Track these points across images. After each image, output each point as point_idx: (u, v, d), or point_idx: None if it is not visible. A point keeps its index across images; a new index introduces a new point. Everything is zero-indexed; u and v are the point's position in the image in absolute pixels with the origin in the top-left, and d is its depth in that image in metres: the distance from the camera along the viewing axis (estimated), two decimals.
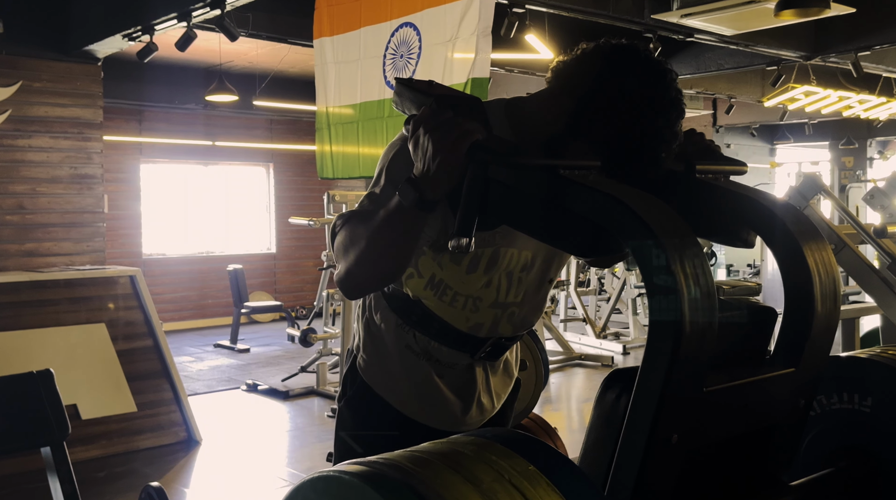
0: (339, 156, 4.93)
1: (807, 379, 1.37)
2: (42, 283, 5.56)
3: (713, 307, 1.14)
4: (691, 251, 1.15)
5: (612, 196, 1.19)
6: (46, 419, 2.12)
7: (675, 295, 1.10)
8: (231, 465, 5.37)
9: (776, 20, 5.60)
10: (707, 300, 1.13)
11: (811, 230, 1.38)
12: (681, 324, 1.10)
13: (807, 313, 1.32)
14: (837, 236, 4.18)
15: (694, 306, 1.11)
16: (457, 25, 4.07)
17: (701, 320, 1.12)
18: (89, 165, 6.62)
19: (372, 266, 1.50)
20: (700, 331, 1.12)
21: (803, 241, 1.33)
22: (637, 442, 1.14)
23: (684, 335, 1.10)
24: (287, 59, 9.17)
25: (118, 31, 5.99)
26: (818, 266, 1.33)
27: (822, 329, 1.34)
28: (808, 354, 1.34)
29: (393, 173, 1.52)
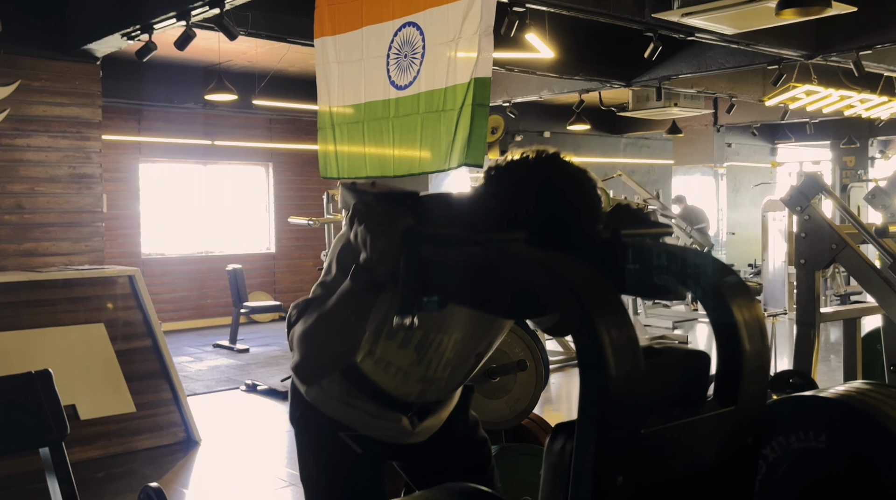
0: (345, 156, 4.92)
1: (748, 417, 1.44)
2: (40, 283, 5.55)
3: (637, 354, 1.22)
4: (612, 306, 1.24)
5: (538, 262, 1.31)
6: (45, 420, 2.13)
7: (599, 347, 1.18)
8: (230, 466, 5.36)
9: (777, 19, 5.59)
10: (630, 345, 1.21)
11: (733, 278, 1.49)
12: (607, 371, 1.17)
13: (737, 353, 1.40)
14: (839, 236, 4.17)
15: (618, 352, 1.19)
16: (459, 25, 4.07)
17: (626, 366, 1.20)
18: (88, 165, 6.60)
19: (327, 348, 1.67)
20: (627, 376, 1.19)
21: (725, 288, 1.44)
22: (584, 488, 1.20)
23: (611, 381, 1.17)
24: (286, 58, 9.17)
25: (117, 30, 5.98)
26: (742, 309, 1.43)
27: (754, 367, 1.42)
28: (745, 392, 1.41)
29: (342, 262, 1.71)
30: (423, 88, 4.29)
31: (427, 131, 4.27)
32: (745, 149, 15.83)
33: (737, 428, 1.43)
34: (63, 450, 2.14)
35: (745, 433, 1.45)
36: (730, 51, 7.68)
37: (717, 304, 1.45)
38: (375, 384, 1.93)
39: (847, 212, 5.02)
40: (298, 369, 1.77)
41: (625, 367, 1.19)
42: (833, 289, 11.41)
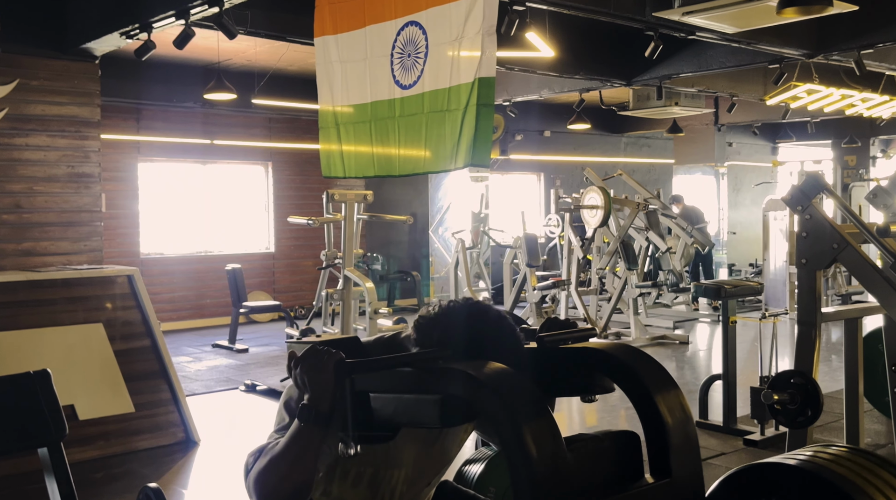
0: (352, 155, 4.91)
1: (686, 488, 1.52)
2: (39, 282, 5.53)
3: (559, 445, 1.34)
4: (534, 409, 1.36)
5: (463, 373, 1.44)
6: (43, 420, 2.12)
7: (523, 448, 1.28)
8: (229, 466, 5.30)
9: (778, 18, 5.60)
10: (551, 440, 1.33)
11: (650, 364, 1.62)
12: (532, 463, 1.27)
13: (661, 427, 1.50)
14: (840, 236, 4.16)
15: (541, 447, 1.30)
16: (462, 24, 4.07)
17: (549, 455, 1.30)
18: (87, 164, 6.59)
19: (281, 488, 1.74)
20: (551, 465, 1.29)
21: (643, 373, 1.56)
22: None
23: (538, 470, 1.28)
24: (286, 56, 9.16)
25: (116, 28, 5.97)
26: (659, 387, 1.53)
27: (680, 438, 1.51)
28: (676, 461, 1.50)
29: (290, 408, 1.84)
30: (427, 88, 4.29)
31: (432, 131, 4.27)
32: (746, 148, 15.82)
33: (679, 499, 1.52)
34: (62, 450, 2.13)
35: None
36: (731, 50, 7.68)
37: (636, 388, 1.55)
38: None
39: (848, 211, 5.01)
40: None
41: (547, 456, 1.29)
42: (834, 289, 11.41)
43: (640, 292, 9.52)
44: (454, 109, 4.09)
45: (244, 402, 7.06)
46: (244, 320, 10.57)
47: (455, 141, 4.09)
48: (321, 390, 1.66)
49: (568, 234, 9.77)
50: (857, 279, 4.03)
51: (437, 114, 4.21)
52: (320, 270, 8.99)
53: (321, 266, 8.88)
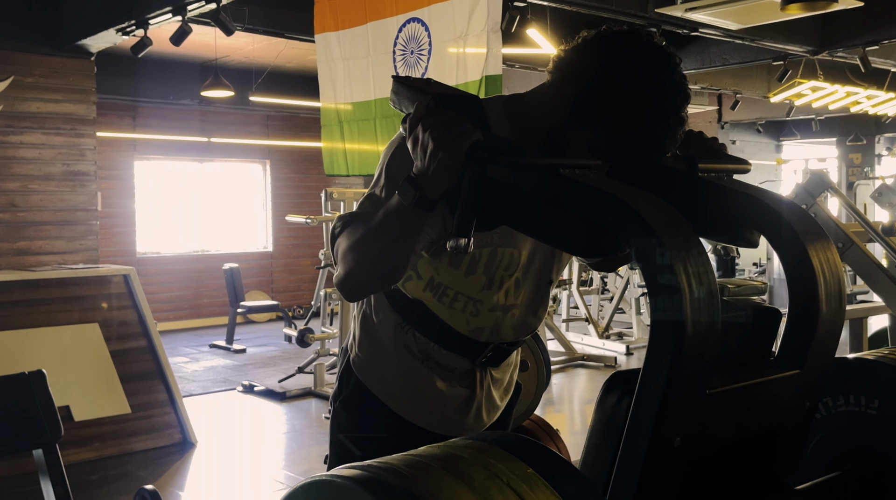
0: (356, 153, 4.92)
1: (812, 381, 1.37)
2: (34, 282, 5.50)
3: (716, 308, 1.15)
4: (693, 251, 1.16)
5: (612, 195, 1.20)
6: (38, 421, 2.11)
7: (678, 295, 1.11)
8: (227, 468, 5.33)
9: (782, 14, 5.63)
10: (710, 301, 1.14)
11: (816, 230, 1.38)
12: (683, 325, 1.10)
13: (812, 314, 1.33)
14: (845, 235, 4.17)
15: (696, 307, 1.12)
16: (466, 22, 4.08)
17: (704, 320, 1.13)
18: (82, 162, 6.59)
19: (372, 267, 1.50)
20: (703, 332, 1.13)
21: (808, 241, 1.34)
22: (639, 446, 1.14)
23: (687, 336, 1.10)
24: (284, 53, 9.15)
25: (112, 25, 5.96)
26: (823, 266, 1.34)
27: (827, 330, 1.35)
28: (814, 355, 1.34)
29: (392, 173, 1.53)
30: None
31: None
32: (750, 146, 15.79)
33: (799, 392, 1.37)
34: (57, 452, 2.12)
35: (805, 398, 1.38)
36: (734, 46, 7.67)
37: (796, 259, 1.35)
38: (444, 324, 1.69)
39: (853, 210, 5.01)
40: (343, 284, 1.56)
41: (702, 326, 1.12)
42: None
43: (642, 292, 9.48)
44: None
45: (242, 403, 7.04)
46: (242, 321, 10.54)
47: None
48: (441, 172, 1.33)
49: None
50: (863, 279, 4.09)
51: None
52: (319, 269, 8.96)
53: (320, 265, 8.84)
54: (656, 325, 1.13)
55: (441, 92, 1.42)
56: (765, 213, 1.41)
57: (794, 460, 1.43)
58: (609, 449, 1.21)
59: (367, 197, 1.57)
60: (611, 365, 8.17)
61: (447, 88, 1.45)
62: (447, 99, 1.40)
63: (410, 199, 1.37)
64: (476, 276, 1.65)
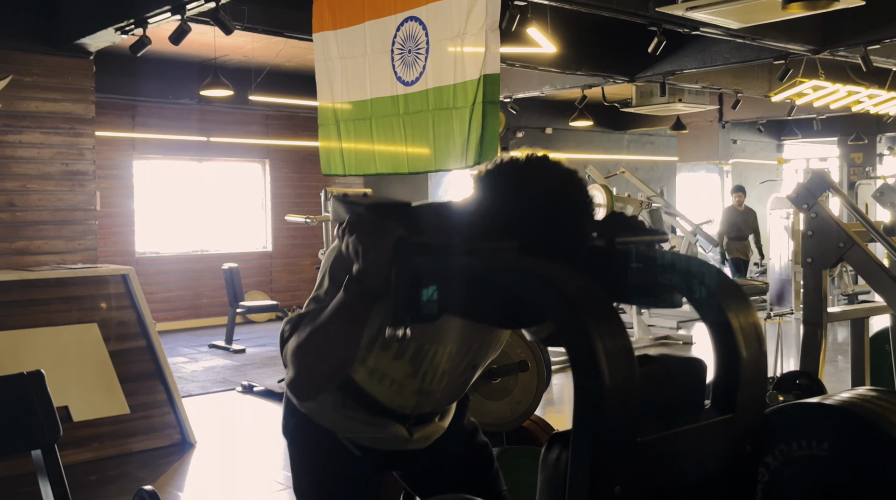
0: (352, 153, 4.93)
1: (747, 424, 1.46)
2: (33, 282, 5.50)
3: (631, 362, 1.24)
4: (606, 314, 1.26)
5: (531, 271, 1.32)
6: (37, 421, 2.11)
7: (593, 356, 1.19)
8: (226, 468, 5.32)
9: (784, 13, 5.62)
10: (624, 356, 1.23)
11: (727, 283, 1.51)
12: (601, 380, 1.18)
13: (734, 360, 1.42)
14: (846, 235, 4.15)
15: (612, 363, 1.20)
16: (464, 20, 4.08)
17: (621, 374, 1.21)
18: (81, 162, 6.57)
19: (322, 361, 1.64)
20: (622, 385, 1.20)
21: (720, 294, 1.46)
22: (581, 497, 1.21)
23: (606, 390, 1.18)
24: (283, 52, 9.14)
25: (110, 24, 5.96)
26: (738, 314, 1.44)
27: (751, 374, 1.44)
28: (742, 398, 1.43)
29: (335, 275, 1.70)
30: (431, 84, 4.31)
31: (439, 129, 4.29)
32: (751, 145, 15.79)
33: (735, 436, 1.44)
34: (56, 452, 2.12)
35: (743, 441, 1.46)
36: (735, 45, 7.65)
37: (712, 309, 1.46)
38: (370, 396, 1.90)
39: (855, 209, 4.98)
40: (294, 386, 1.70)
41: (619, 375, 1.20)
42: (840, 288, 11.37)
43: None
44: (461, 107, 4.11)
45: (241, 403, 7.03)
46: (241, 321, 10.53)
47: (464, 139, 4.10)
48: (374, 267, 1.52)
49: None
50: (864, 279, 4.05)
51: (444, 111, 4.23)
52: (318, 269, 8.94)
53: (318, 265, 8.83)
54: (578, 385, 1.21)
55: (373, 202, 1.59)
56: (680, 274, 1.54)
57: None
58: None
59: (312, 299, 1.73)
60: None
61: (381, 199, 1.63)
62: (377, 206, 1.57)
63: (355, 294, 1.55)
64: (402, 363, 1.85)
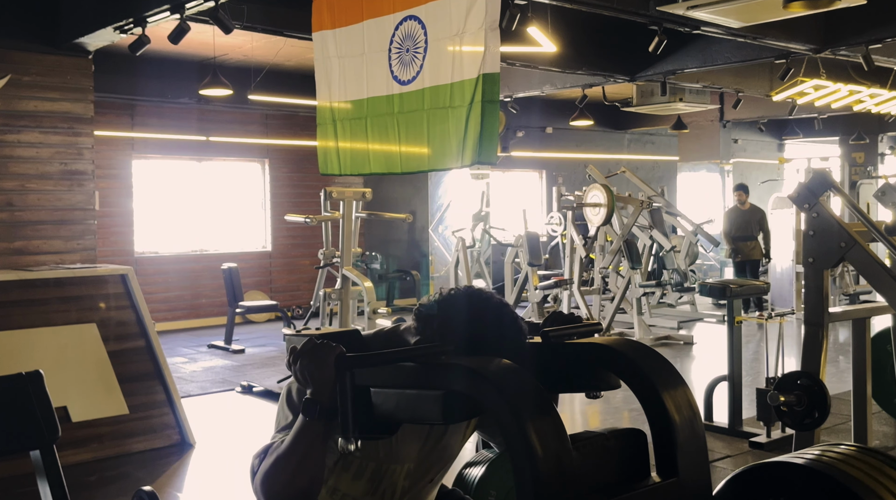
0: (347, 152, 4.93)
1: (694, 487, 1.51)
2: (31, 282, 5.48)
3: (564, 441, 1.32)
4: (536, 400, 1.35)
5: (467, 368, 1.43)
6: (36, 422, 2.11)
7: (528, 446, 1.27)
8: (225, 469, 5.29)
9: (785, 12, 5.64)
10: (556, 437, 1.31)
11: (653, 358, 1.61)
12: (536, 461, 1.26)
13: (668, 425, 1.49)
14: (848, 234, 4.15)
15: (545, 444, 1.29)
16: (463, 19, 4.07)
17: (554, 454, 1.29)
18: (80, 161, 6.57)
19: (290, 484, 1.72)
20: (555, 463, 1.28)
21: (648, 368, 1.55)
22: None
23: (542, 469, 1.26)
24: (283, 52, 9.14)
25: (109, 23, 5.95)
26: (668, 384, 1.52)
27: (688, 437, 1.50)
28: (683, 460, 1.49)
29: (293, 405, 1.84)
30: (428, 84, 4.29)
31: (434, 128, 4.27)
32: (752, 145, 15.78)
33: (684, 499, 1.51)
34: (54, 453, 2.12)
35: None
36: (736, 45, 7.66)
37: (643, 384, 1.53)
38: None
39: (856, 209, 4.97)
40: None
41: (552, 452, 1.27)
42: (842, 288, 11.35)
43: (643, 292, 9.45)
44: (458, 106, 4.09)
45: (240, 404, 7.01)
46: (240, 321, 10.51)
47: (461, 138, 4.08)
48: (322, 385, 1.65)
49: (570, 232, 9.71)
50: (865, 278, 4.07)
51: (440, 110, 4.21)
52: (318, 269, 8.95)
53: (319, 265, 8.83)
54: (516, 470, 1.30)
55: (322, 333, 1.74)
56: (613, 357, 1.63)
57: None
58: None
59: (276, 433, 1.83)
60: None
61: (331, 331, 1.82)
62: (326, 336, 1.71)
63: (311, 411, 1.66)
64: (362, 482, 1.95)
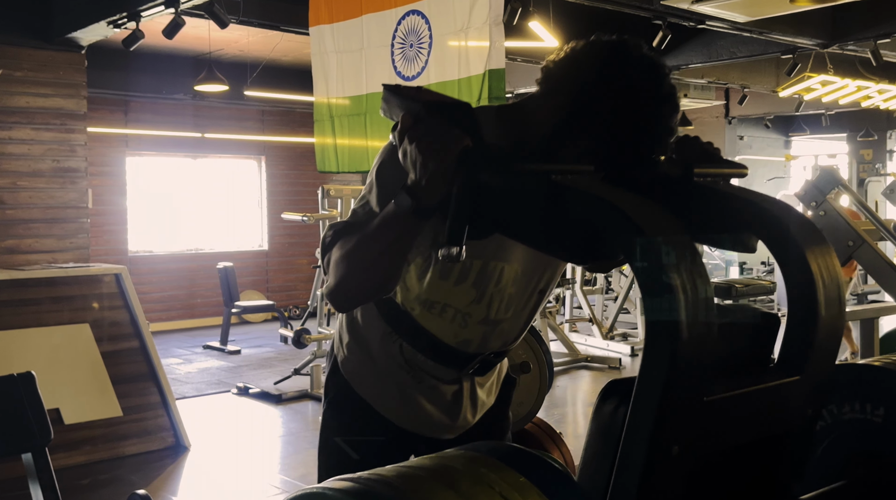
0: (345, 149, 4.96)
1: (813, 387, 1.38)
2: (23, 281, 5.48)
3: (711, 311, 1.16)
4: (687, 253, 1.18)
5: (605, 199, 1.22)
6: (27, 424, 2.11)
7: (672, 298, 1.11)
8: (221, 472, 5.30)
9: (792, 6, 5.72)
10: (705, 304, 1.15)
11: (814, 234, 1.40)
12: (678, 329, 1.11)
13: (811, 319, 1.34)
14: (856, 233, 4.16)
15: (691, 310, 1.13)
16: (467, 14, 4.08)
17: (699, 324, 1.13)
18: (73, 158, 6.53)
19: (365, 275, 1.54)
20: (698, 336, 1.13)
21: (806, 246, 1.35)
22: (636, 455, 1.14)
23: (682, 341, 1.11)
24: (280, 47, 9.15)
25: (103, 17, 5.92)
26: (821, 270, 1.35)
27: (826, 335, 1.36)
28: (813, 361, 1.35)
29: (383, 181, 1.57)
30: (434, 80, 4.29)
31: None
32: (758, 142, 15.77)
33: (800, 399, 1.37)
34: (46, 456, 2.12)
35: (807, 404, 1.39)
36: (742, 39, 7.65)
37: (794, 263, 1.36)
38: (431, 336, 1.75)
39: (864, 207, 4.95)
40: (334, 294, 1.58)
41: (697, 330, 1.13)
42: (850, 288, 11.30)
43: None
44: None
45: (236, 406, 7.01)
46: (236, 321, 10.51)
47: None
48: (434, 180, 1.35)
49: None
50: (874, 277, 4.16)
51: None
52: (315, 268, 8.93)
53: (316, 264, 8.78)
54: (650, 330, 1.13)
55: (431, 100, 1.42)
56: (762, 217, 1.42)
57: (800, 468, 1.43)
58: (607, 458, 1.20)
59: (358, 206, 1.61)
60: (615, 367, 8.10)
61: (438, 95, 1.44)
62: (437, 106, 1.40)
63: (406, 207, 1.40)
64: (465, 287, 1.70)
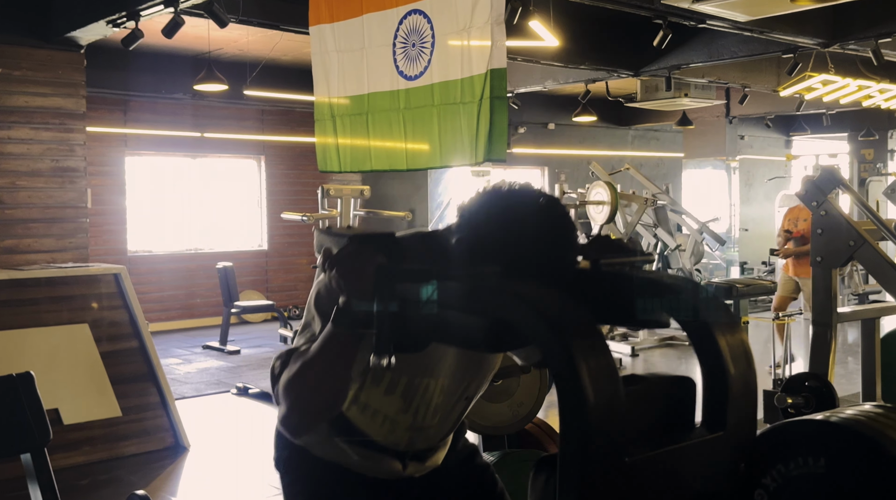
0: (347, 149, 4.96)
1: (738, 442, 1.46)
2: (22, 281, 5.49)
3: (616, 381, 1.26)
4: (589, 335, 1.28)
5: (513, 294, 1.35)
6: (26, 424, 2.11)
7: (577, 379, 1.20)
8: (220, 472, 5.30)
9: (792, 6, 5.72)
10: (608, 375, 1.24)
11: (713, 301, 1.54)
12: (585, 400, 1.19)
13: (722, 376, 1.43)
14: (857, 233, 4.16)
15: (596, 382, 1.21)
16: (469, 13, 4.09)
17: (605, 394, 1.22)
18: (72, 158, 6.54)
19: (315, 395, 1.65)
20: (607, 404, 1.22)
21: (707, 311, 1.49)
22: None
23: (591, 410, 1.20)
24: (279, 46, 9.13)
25: (102, 17, 5.92)
26: (725, 331, 1.46)
27: (741, 390, 1.45)
28: (732, 416, 1.44)
29: (321, 308, 1.72)
30: (437, 79, 4.29)
31: (445, 124, 4.27)
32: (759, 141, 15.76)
33: (727, 454, 1.45)
34: (45, 456, 2.12)
35: (736, 460, 1.47)
36: (743, 39, 7.63)
37: (699, 329, 1.47)
38: (363, 433, 1.92)
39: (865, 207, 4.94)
40: (286, 421, 1.73)
41: (604, 395, 1.22)
42: (851, 288, 11.32)
43: None
44: (469, 102, 4.10)
45: (236, 406, 7.02)
46: (236, 321, 10.52)
47: (473, 135, 4.10)
48: (359, 296, 1.54)
49: None
50: (875, 278, 4.17)
51: (451, 106, 4.21)
52: (315, 268, 8.87)
53: (315, 264, 8.76)
54: (563, 407, 1.22)
55: (356, 234, 1.61)
56: (667, 293, 1.55)
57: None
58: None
59: (300, 334, 1.75)
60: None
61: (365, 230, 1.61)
62: (360, 238, 1.59)
63: (344, 324, 1.56)
64: (394, 397, 1.85)
